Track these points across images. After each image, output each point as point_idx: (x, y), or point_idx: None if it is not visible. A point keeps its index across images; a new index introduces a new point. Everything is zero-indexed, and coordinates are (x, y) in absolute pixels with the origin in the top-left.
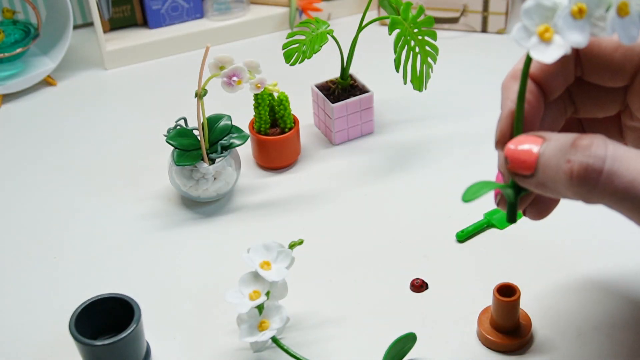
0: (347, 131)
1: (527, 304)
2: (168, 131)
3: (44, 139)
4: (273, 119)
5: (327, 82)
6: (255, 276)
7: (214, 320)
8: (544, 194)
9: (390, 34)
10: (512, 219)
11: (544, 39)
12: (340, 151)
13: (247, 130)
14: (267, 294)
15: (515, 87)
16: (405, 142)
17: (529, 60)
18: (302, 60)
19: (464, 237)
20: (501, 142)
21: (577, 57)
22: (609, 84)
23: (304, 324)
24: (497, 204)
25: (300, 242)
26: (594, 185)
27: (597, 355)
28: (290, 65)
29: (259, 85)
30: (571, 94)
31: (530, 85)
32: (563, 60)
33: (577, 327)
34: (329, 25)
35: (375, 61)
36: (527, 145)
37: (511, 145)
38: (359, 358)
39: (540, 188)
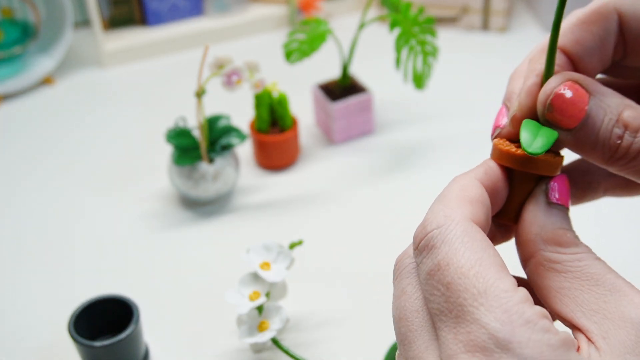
0: (347, 131)
1: None
2: (168, 131)
3: (42, 138)
4: (273, 119)
5: (327, 82)
6: (255, 277)
7: (214, 320)
8: (574, 150)
9: (391, 31)
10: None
11: None
12: (340, 151)
13: (246, 130)
14: (267, 294)
15: (543, 59)
16: (405, 142)
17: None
18: (301, 59)
19: None
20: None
21: (620, 35)
22: None
23: (303, 324)
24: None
25: (300, 243)
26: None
27: None
28: (291, 63)
29: (258, 85)
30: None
31: (560, 57)
32: (602, 34)
33: None
34: (329, 25)
35: (375, 61)
36: (575, 95)
37: (562, 90)
38: (359, 359)
39: (574, 146)
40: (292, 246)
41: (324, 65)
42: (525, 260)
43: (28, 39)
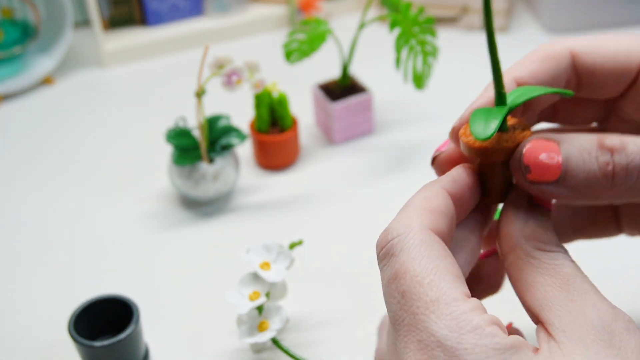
0: (347, 131)
1: None
2: (168, 131)
3: (42, 138)
4: (273, 119)
5: (327, 82)
6: (255, 277)
7: (213, 321)
8: (569, 198)
9: (391, 31)
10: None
11: None
12: (340, 151)
13: (246, 130)
14: (267, 294)
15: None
16: (405, 142)
17: None
18: (301, 59)
19: None
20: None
21: (572, 71)
22: (602, 97)
23: (303, 324)
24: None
25: (300, 243)
26: (634, 181)
27: None
28: (291, 63)
29: (258, 84)
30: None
31: (513, 88)
32: (555, 70)
33: None
34: (329, 25)
35: (375, 61)
36: (544, 153)
37: (530, 152)
38: (359, 359)
39: (573, 193)
40: (292, 246)
41: (324, 65)
42: (505, 254)
43: (28, 39)
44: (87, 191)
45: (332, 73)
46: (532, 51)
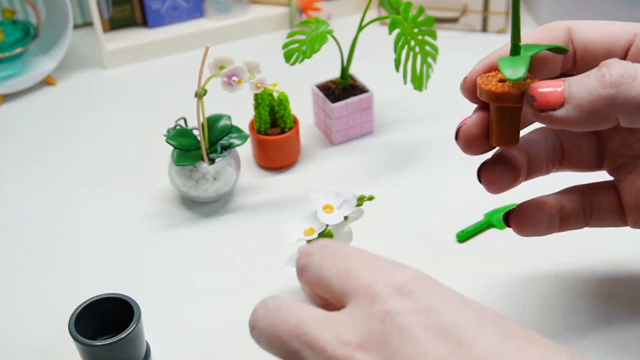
0: (347, 131)
1: (527, 304)
2: (168, 131)
3: (43, 139)
4: (273, 119)
5: (327, 82)
6: (316, 216)
7: (215, 320)
8: (571, 125)
9: (390, 34)
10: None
11: None
12: (340, 151)
13: (247, 130)
14: (322, 234)
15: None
16: (405, 142)
17: None
18: (302, 60)
19: (464, 237)
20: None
21: (570, 46)
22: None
23: None
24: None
25: (371, 198)
26: (630, 88)
27: (602, 355)
28: (290, 65)
29: (258, 85)
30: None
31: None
32: (553, 42)
33: (579, 328)
34: (329, 25)
35: (375, 61)
36: (549, 86)
37: (536, 87)
38: None
39: (573, 114)
40: (361, 200)
41: (324, 65)
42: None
43: (29, 40)
44: (87, 191)
45: (332, 73)
46: (536, 28)
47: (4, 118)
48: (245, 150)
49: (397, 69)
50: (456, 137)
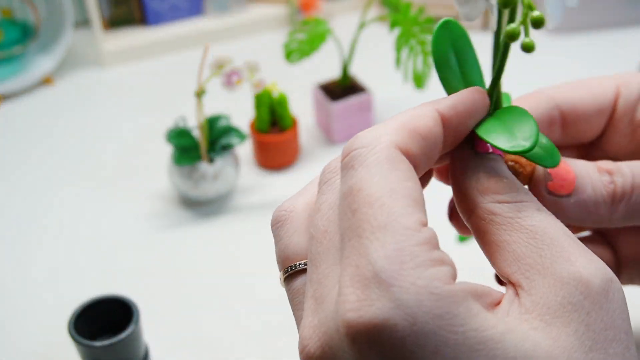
0: (347, 131)
1: None
2: (168, 131)
3: (42, 138)
4: (273, 119)
5: (327, 82)
6: None
7: (214, 320)
8: (577, 216)
9: (391, 30)
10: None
11: None
12: (340, 151)
13: (246, 130)
14: None
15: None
16: None
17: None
18: (301, 59)
19: (464, 237)
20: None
21: (556, 115)
22: (585, 139)
23: None
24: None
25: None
26: (634, 199)
27: None
28: (290, 63)
29: (258, 85)
30: None
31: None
32: (540, 112)
33: None
34: (328, 24)
35: (375, 61)
36: (562, 166)
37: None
38: None
39: (578, 209)
40: None
41: (324, 65)
42: (467, 218)
43: (28, 39)
44: (87, 191)
45: (332, 73)
46: (519, 96)
47: (3, 118)
48: (245, 150)
49: (397, 67)
50: (450, 217)
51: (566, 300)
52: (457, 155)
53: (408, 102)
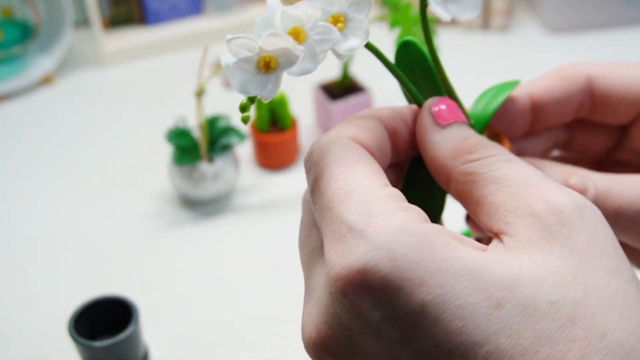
0: None
1: None
2: (168, 131)
3: (42, 138)
4: (273, 119)
5: (327, 82)
6: None
7: (214, 321)
8: None
9: (391, 29)
10: None
11: None
12: None
13: (246, 130)
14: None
15: None
16: None
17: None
18: None
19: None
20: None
21: (588, 94)
22: (614, 122)
23: None
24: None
25: None
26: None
27: None
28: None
29: None
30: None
31: (522, 103)
32: (569, 89)
33: None
34: None
35: (375, 61)
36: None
37: None
38: None
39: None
40: None
41: (324, 65)
42: (447, 188)
43: (28, 39)
44: (87, 191)
45: (332, 73)
46: (550, 70)
47: (3, 117)
48: (245, 150)
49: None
50: (467, 220)
51: (545, 232)
52: (423, 132)
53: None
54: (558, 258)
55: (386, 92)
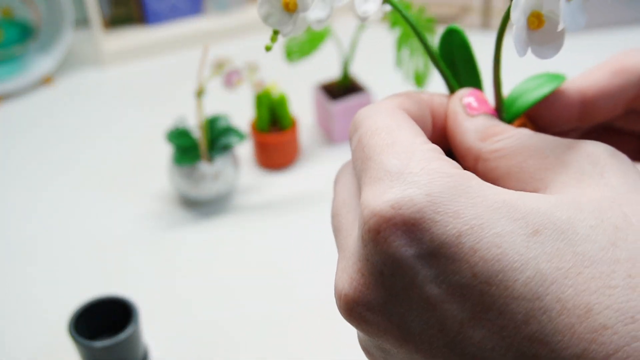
0: (347, 131)
1: None
2: (168, 131)
3: (42, 138)
4: (273, 119)
5: (327, 82)
6: None
7: (214, 321)
8: None
9: (392, 27)
10: None
11: None
12: (340, 151)
13: (246, 130)
14: None
15: None
16: None
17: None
18: (301, 58)
19: None
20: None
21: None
22: None
23: (309, 320)
24: None
25: None
26: None
27: None
28: (290, 62)
29: (258, 85)
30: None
31: (573, 97)
32: (623, 85)
33: None
34: (329, 25)
35: (375, 61)
36: None
37: None
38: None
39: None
40: None
41: (324, 65)
42: (474, 169)
43: (27, 39)
44: (87, 191)
45: (332, 73)
46: (605, 62)
47: (3, 117)
48: (245, 150)
49: (399, 66)
50: None
51: (578, 173)
52: (454, 118)
53: None
54: (594, 191)
55: (386, 92)
